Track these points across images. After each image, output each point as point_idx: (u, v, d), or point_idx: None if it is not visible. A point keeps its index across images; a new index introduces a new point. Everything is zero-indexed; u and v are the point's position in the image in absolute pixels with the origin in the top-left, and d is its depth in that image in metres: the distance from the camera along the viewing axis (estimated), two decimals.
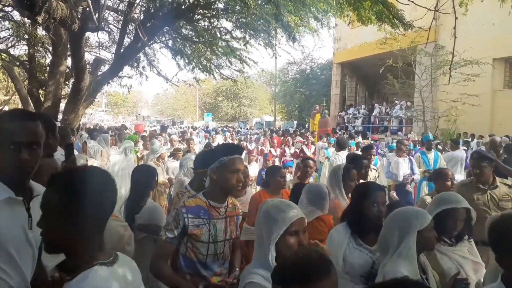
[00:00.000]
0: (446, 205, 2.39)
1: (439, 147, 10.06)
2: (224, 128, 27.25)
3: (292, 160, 9.87)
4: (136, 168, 3.42)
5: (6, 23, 13.87)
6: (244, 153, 7.05)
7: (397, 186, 6.68)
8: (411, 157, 7.22)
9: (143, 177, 3.11)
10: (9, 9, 11.19)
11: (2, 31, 14.27)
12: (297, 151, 11.86)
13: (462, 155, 8.24)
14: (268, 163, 9.26)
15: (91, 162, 5.72)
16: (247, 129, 30.05)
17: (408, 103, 19.14)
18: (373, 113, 21.52)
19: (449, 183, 3.63)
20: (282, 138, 15.71)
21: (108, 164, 6.27)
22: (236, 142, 15.49)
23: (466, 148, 10.35)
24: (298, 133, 16.40)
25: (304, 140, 12.86)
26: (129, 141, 7.23)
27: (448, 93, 14.70)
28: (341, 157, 6.71)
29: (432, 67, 15.91)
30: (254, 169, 7.84)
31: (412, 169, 6.73)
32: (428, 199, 3.24)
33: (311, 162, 4.68)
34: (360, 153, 5.80)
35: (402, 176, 6.53)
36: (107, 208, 1.29)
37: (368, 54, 19.61)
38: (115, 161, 6.28)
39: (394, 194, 6.53)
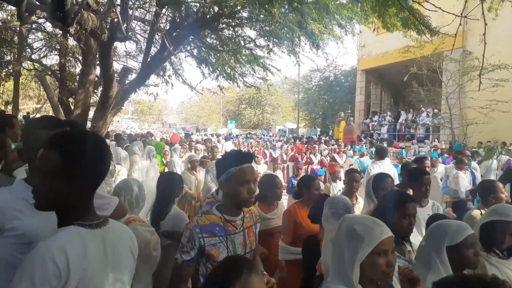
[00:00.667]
0: (494, 216, 2.28)
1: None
2: (247, 135, 27.35)
3: (322, 169, 9.56)
4: (161, 175, 3.49)
5: (39, 34, 14.50)
6: (265, 160, 7.04)
7: (454, 203, 6.09)
8: (474, 170, 6.72)
9: (168, 184, 3.16)
10: (42, 20, 11.69)
11: (35, 41, 14.92)
12: (324, 159, 11.64)
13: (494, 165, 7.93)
14: (300, 171, 8.82)
15: (119, 168, 5.86)
16: (269, 136, 30.08)
17: (435, 110, 18.74)
18: (399, 121, 21.16)
19: (503, 195, 3.28)
20: (306, 145, 15.56)
21: (136, 169, 6.44)
22: (260, 149, 15.55)
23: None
24: (322, 141, 16.24)
25: (336, 147, 12.52)
26: (150, 146, 7.46)
27: (476, 100, 14.34)
28: (381, 168, 5.97)
29: (459, 74, 15.56)
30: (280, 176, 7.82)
31: (474, 183, 6.12)
32: (476, 214, 3.07)
33: (357, 175, 4.14)
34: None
35: (464, 191, 5.93)
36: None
37: (392, 61, 19.38)
38: (144, 166, 6.45)
39: (450, 211, 5.80)
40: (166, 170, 7.87)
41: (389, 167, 6.08)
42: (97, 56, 8.41)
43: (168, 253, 2.83)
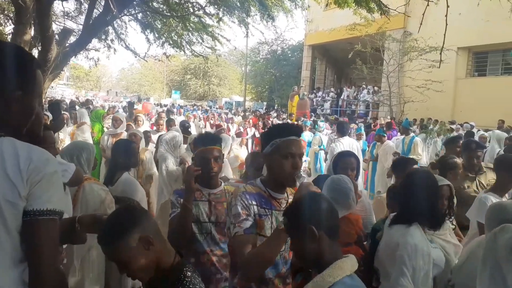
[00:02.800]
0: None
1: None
2: (194, 107, 26.90)
3: None
4: (117, 142, 3.36)
5: None
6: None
7: None
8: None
9: (123, 151, 3.07)
10: None
11: None
12: None
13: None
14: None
15: (62, 137, 5.55)
16: (216, 108, 29.82)
17: (376, 88, 19.59)
18: (342, 97, 21.91)
19: (460, 171, 3.54)
20: (262, 119, 15.40)
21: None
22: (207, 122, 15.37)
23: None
24: (273, 115, 16.38)
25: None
26: (81, 110, 7.25)
27: (413, 79, 15.19)
28: (344, 145, 5.72)
29: (400, 53, 16.32)
30: (243, 153, 7.64)
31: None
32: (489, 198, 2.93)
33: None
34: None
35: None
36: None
37: (338, 38, 19.82)
38: None
39: None
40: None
41: (352, 143, 6.14)
42: (34, 14, 7.70)
43: None
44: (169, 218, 2.25)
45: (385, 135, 8.10)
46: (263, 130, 11.14)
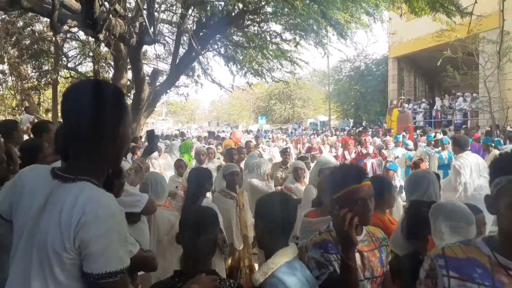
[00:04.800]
0: None
1: None
2: (276, 131, 27.28)
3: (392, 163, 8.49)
4: (192, 170, 3.59)
5: (74, 43, 15.14)
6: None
7: None
8: None
9: (198, 178, 3.26)
10: (75, 29, 12.20)
11: (70, 50, 15.60)
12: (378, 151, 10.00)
13: None
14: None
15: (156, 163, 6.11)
16: (302, 130, 29.89)
17: (474, 95, 17.95)
18: (434, 107, 20.47)
19: None
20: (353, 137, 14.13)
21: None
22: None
23: None
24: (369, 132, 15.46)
25: (388, 138, 10.76)
26: (174, 142, 7.77)
27: None
28: (468, 161, 5.32)
29: (497, 55, 14.81)
30: None
31: None
32: None
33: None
34: None
35: None
36: None
37: (425, 47, 18.74)
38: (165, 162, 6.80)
39: None
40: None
41: (475, 158, 5.47)
42: (128, 60, 8.70)
43: None
44: (320, 283, 1.74)
45: (492, 144, 7.35)
46: (359, 151, 10.29)
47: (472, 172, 5.22)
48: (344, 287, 1.67)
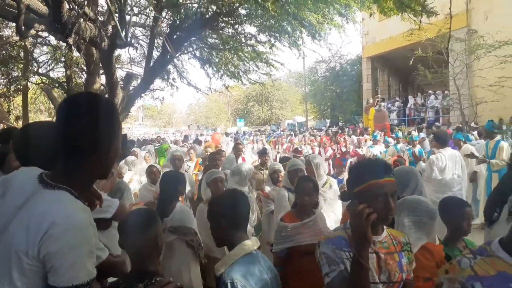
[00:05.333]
0: None
1: None
2: (255, 132, 27.35)
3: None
4: (165, 173, 3.54)
5: (45, 48, 14.76)
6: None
7: None
8: None
9: (171, 182, 3.23)
10: (45, 34, 11.90)
11: (41, 55, 15.19)
12: (358, 150, 10.29)
13: None
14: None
15: (130, 175, 5.98)
16: (281, 131, 30.04)
17: (446, 92, 18.48)
18: (408, 105, 20.97)
19: None
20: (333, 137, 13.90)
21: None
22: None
23: None
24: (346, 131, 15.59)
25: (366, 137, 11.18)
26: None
27: (484, 78, 14.11)
28: (445, 158, 5.44)
29: (466, 53, 15.31)
30: None
31: None
32: None
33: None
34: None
35: None
36: None
37: (397, 46, 19.19)
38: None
39: None
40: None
41: (455, 155, 5.64)
42: (100, 64, 8.55)
43: (173, 248, 2.92)
44: (329, 280, 1.66)
45: (463, 139, 7.59)
46: (339, 150, 10.35)
47: (446, 169, 5.38)
48: (354, 286, 1.56)
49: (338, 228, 1.83)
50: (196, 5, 9.83)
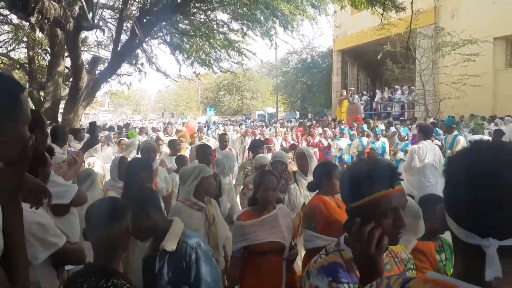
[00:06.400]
0: None
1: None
2: (228, 122, 27.20)
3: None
4: (131, 160, 3.43)
5: (6, 27, 14.00)
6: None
7: None
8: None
9: (137, 170, 3.13)
10: (7, 12, 11.26)
11: (1, 34, 14.41)
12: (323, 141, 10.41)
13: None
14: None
15: (93, 160, 5.78)
16: (251, 121, 30.04)
17: (412, 88, 19.02)
18: (375, 99, 21.44)
19: None
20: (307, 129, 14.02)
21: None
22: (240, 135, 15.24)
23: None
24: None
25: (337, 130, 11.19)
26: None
27: (448, 75, 14.62)
28: (426, 149, 5.64)
29: (432, 50, 15.80)
30: None
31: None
32: None
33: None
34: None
35: None
36: None
37: (367, 40, 19.50)
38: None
39: None
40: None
41: (435, 148, 5.84)
42: (65, 46, 8.20)
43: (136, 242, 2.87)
44: None
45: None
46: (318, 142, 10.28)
47: (426, 159, 5.63)
48: None
49: (329, 250, 1.44)
50: None
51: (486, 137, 8.42)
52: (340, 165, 6.52)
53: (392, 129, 11.45)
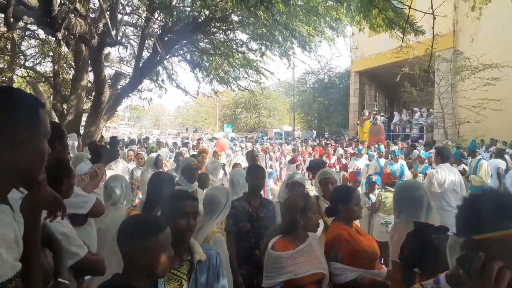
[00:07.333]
0: None
1: None
2: (243, 139, 27.35)
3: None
4: (152, 175, 3.43)
5: (33, 41, 14.57)
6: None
7: None
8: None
9: (158, 183, 3.14)
10: (34, 27, 11.76)
11: (29, 48, 14.99)
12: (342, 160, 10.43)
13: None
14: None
15: (111, 173, 5.89)
16: (267, 139, 30.14)
17: (431, 110, 18.85)
18: (393, 121, 21.27)
19: None
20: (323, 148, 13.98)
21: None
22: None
23: None
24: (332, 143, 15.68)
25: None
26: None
27: (468, 99, 14.44)
28: (445, 173, 5.36)
29: (451, 73, 15.68)
30: None
31: None
32: None
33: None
34: None
35: None
36: None
37: (385, 62, 19.49)
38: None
39: None
40: None
41: (453, 172, 5.56)
42: (89, 61, 8.50)
43: None
44: None
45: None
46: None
47: (445, 183, 5.34)
48: None
49: None
50: (188, 9, 9.88)
51: (505, 162, 8.27)
52: (370, 186, 6.06)
53: (416, 152, 11.29)
